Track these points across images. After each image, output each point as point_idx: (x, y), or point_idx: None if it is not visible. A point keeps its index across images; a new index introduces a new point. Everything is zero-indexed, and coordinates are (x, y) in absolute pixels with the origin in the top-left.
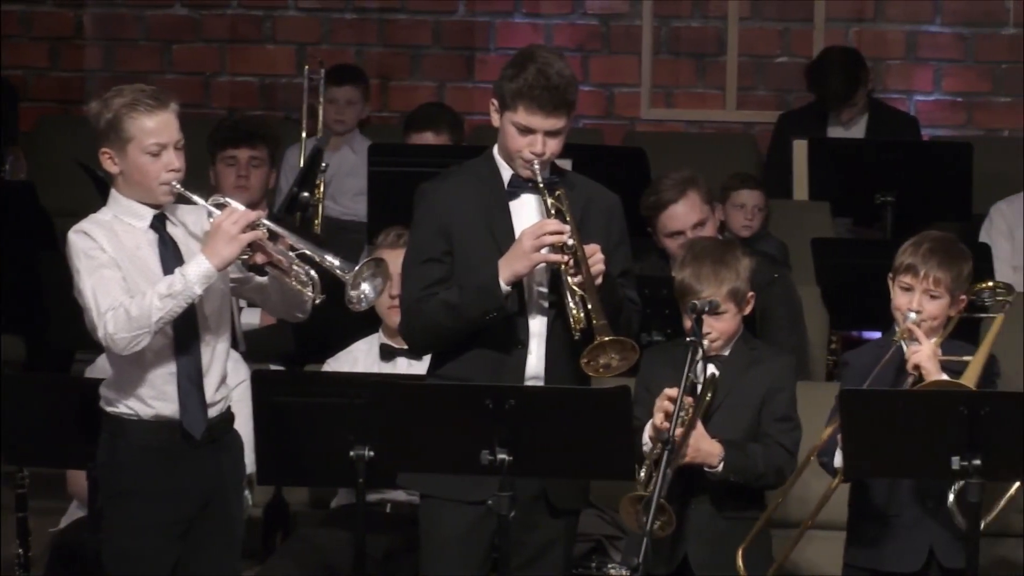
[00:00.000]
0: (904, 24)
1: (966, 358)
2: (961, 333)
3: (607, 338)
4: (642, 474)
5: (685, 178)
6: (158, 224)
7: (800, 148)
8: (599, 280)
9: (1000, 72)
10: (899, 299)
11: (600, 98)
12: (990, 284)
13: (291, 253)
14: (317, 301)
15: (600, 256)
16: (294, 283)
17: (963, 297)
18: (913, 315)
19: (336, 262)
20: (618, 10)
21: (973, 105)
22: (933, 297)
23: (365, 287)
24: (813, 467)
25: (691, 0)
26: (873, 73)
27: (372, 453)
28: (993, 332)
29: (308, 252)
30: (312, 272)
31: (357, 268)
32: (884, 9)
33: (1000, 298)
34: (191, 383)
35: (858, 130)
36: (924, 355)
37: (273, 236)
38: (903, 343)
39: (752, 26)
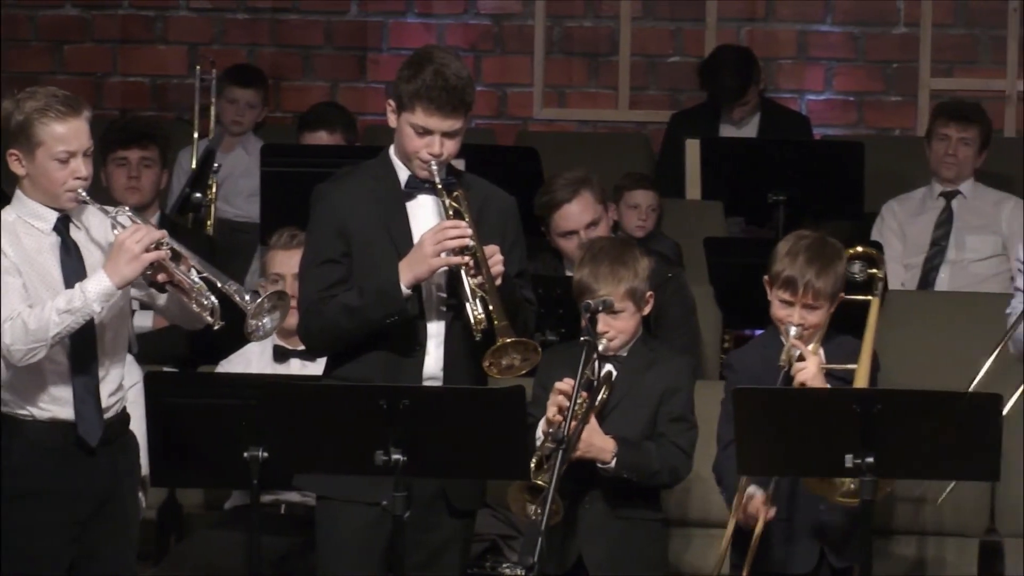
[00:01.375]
0: (795, 23)
1: (851, 366)
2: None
3: (509, 340)
4: (533, 464)
5: (578, 178)
6: (61, 227)
7: (692, 147)
8: (499, 281)
9: (891, 71)
10: (779, 311)
11: (493, 98)
12: (859, 250)
13: (193, 275)
14: (216, 327)
15: (499, 257)
16: (194, 306)
17: (841, 294)
18: (794, 330)
19: (238, 290)
20: (510, 10)
21: (864, 104)
22: (814, 308)
23: (265, 319)
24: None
25: (583, 0)
26: (765, 72)
27: (266, 454)
28: (872, 322)
29: (211, 277)
30: (213, 298)
31: (259, 300)
32: (775, 9)
33: (871, 270)
34: (87, 392)
35: (750, 129)
36: (810, 373)
37: (176, 256)
38: (789, 360)
39: (644, 26)
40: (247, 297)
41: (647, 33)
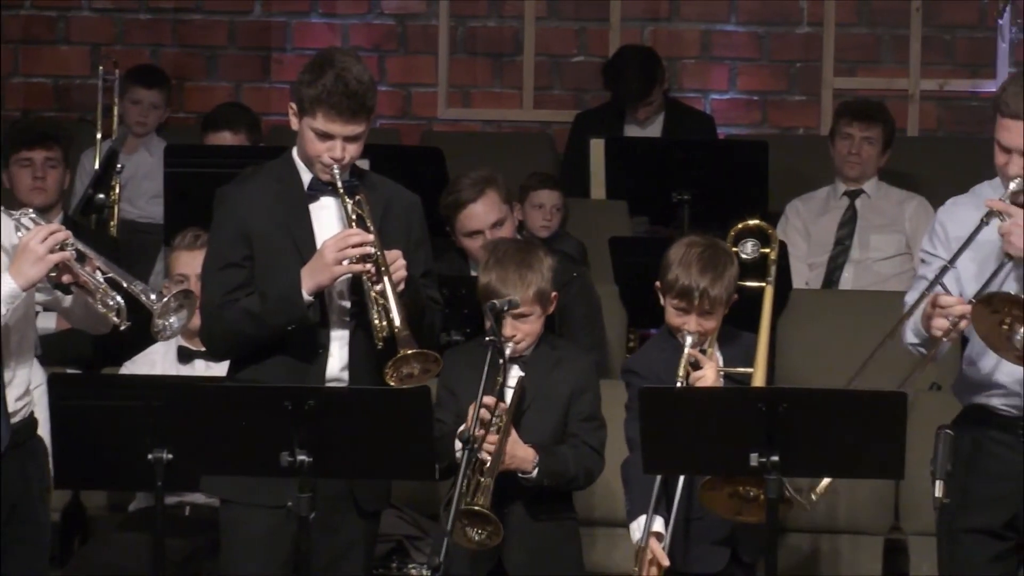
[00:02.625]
0: (699, 23)
1: (748, 370)
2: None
3: (410, 351)
4: (464, 483)
5: (483, 178)
6: None
7: (597, 147)
8: (401, 287)
9: (795, 71)
10: (674, 319)
11: (397, 98)
12: (750, 223)
13: (99, 276)
14: (122, 327)
15: (402, 263)
16: (100, 307)
17: (735, 296)
18: (690, 339)
19: (144, 290)
20: (414, 10)
21: (768, 103)
22: (708, 315)
23: (172, 319)
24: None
25: (487, 0)
26: (669, 72)
27: (171, 456)
28: (767, 315)
29: (116, 277)
30: (119, 298)
31: (165, 299)
32: (679, 8)
33: (764, 249)
34: None
35: (654, 129)
36: (708, 381)
37: (81, 257)
38: (688, 368)
39: (548, 26)
40: (153, 297)
41: (551, 33)
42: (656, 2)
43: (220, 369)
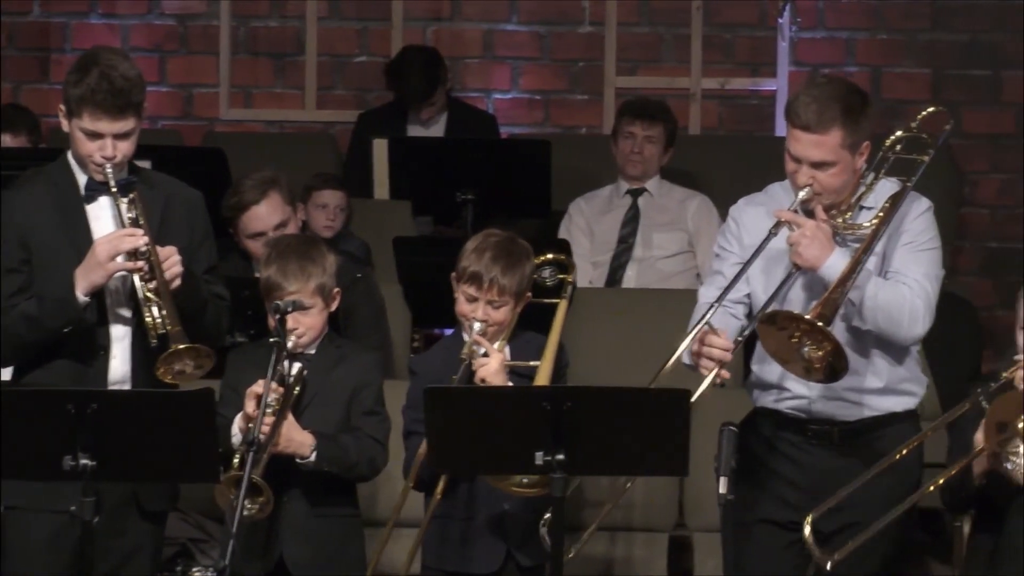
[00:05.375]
0: (481, 23)
1: (534, 363)
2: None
3: (181, 346)
4: (236, 462)
5: (266, 179)
6: None
7: (380, 147)
8: (176, 283)
9: (577, 70)
10: (463, 307)
11: (178, 99)
12: (549, 257)
13: None
14: None
15: (176, 259)
16: None
17: (528, 294)
18: (478, 325)
19: None
20: (195, 10)
21: (550, 103)
22: (498, 306)
23: None
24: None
25: (269, 0)
26: (451, 72)
27: None
28: (559, 322)
29: None
30: None
31: None
32: (461, 8)
33: (561, 275)
34: None
35: (437, 129)
36: (491, 371)
37: None
38: (471, 356)
39: (330, 26)
40: None
41: (333, 33)
42: (438, 2)
43: (5, 375)
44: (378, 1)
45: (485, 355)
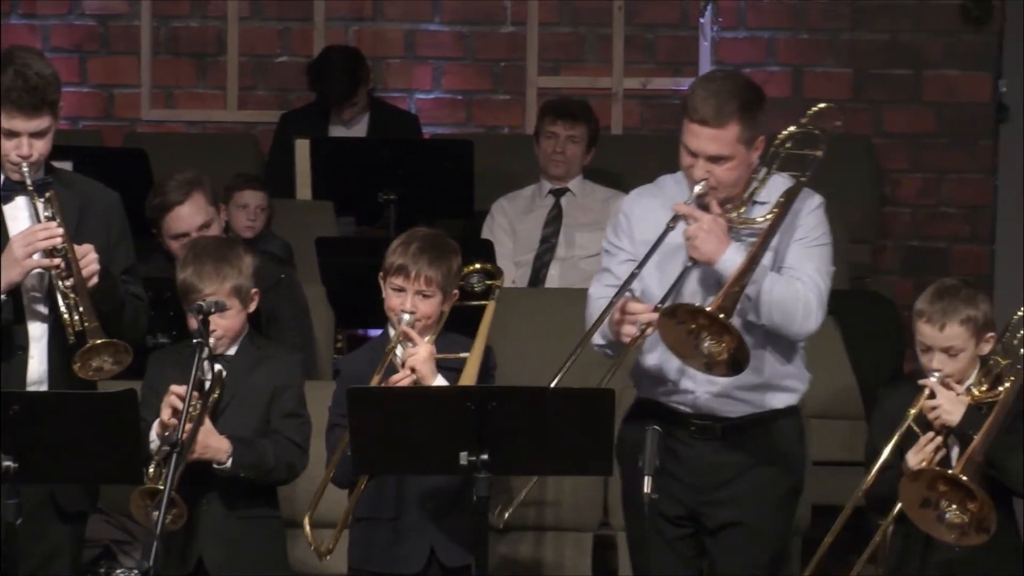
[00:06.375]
0: (403, 23)
1: (463, 355)
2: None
3: (98, 341)
4: (151, 470)
5: (189, 180)
6: None
7: (302, 148)
8: (93, 281)
9: (499, 70)
10: (392, 300)
11: (99, 99)
12: (477, 267)
13: None
14: None
15: (93, 256)
16: None
17: (455, 292)
18: (407, 316)
19: None
20: (116, 10)
21: (473, 103)
22: (426, 296)
23: None
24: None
25: (190, 0)
26: (374, 72)
27: None
28: (486, 322)
29: None
30: None
31: None
32: (383, 8)
33: (489, 281)
34: None
35: (360, 129)
36: (420, 358)
37: None
38: (398, 347)
39: (252, 26)
40: None
41: (255, 33)
42: (360, 2)
43: None
44: (300, 1)
45: (413, 346)
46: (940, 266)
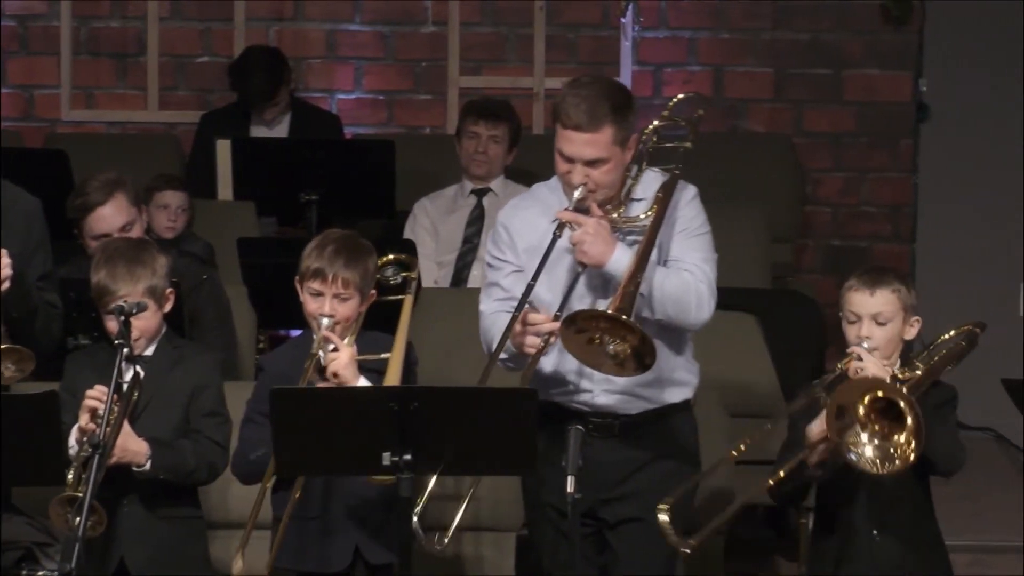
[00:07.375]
0: (324, 23)
1: (384, 356)
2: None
3: (1, 346)
4: (70, 476)
5: (111, 180)
6: None
7: (223, 148)
8: (5, 286)
9: (420, 70)
10: (310, 306)
11: (19, 100)
12: (391, 258)
13: None
14: None
15: (6, 261)
16: None
17: (372, 292)
18: (327, 320)
19: None
20: (36, 10)
21: (394, 103)
22: (344, 299)
23: None
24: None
25: (110, 0)
26: (295, 72)
27: None
28: (405, 319)
29: None
30: None
31: None
32: (304, 8)
33: (404, 273)
34: None
35: (281, 129)
36: (342, 363)
37: None
38: (320, 351)
39: (172, 26)
40: None
41: (175, 33)
42: (281, 2)
43: None
44: (220, 1)
45: (335, 350)
46: (861, 265)
